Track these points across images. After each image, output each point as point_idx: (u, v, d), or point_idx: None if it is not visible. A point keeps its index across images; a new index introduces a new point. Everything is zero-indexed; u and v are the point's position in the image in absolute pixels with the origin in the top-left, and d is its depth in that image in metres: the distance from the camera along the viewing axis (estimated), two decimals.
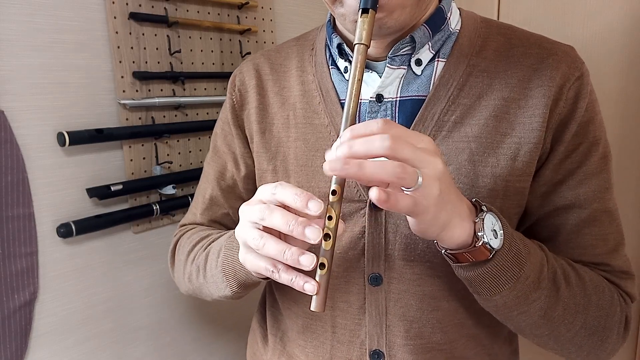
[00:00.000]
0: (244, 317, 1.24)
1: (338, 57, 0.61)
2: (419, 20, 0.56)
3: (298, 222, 0.42)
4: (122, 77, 0.93)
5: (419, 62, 0.57)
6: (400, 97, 0.57)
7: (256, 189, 0.50)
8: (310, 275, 0.43)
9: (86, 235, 0.90)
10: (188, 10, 1.02)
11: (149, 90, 0.97)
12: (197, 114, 1.07)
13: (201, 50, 1.06)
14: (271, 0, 1.18)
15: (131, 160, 0.96)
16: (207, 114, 1.09)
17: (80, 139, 0.85)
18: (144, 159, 0.98)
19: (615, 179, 0.59)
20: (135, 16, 0.92)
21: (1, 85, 0.78)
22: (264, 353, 0.72)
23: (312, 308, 0.42)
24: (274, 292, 0.71)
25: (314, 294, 0.42)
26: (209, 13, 1.06)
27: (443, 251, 0.50)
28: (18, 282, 0.82)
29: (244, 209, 0.48)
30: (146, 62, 0.96)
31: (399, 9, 0.50)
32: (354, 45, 0.46)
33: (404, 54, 0.56)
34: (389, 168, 0.39)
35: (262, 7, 1.16)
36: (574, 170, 0.56)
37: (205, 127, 1.06)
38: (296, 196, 0.42)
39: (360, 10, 0.47)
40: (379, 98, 0.57)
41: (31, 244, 0.83)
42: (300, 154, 0.62)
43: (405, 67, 0.57)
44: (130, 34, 0.93)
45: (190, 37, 1.03)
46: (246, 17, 1.13)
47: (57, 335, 0.89)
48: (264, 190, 0.46)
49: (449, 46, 0.58)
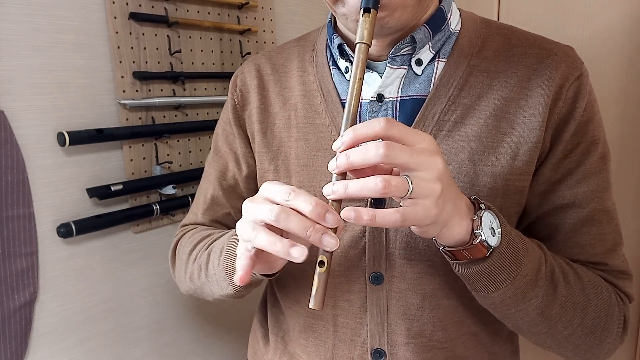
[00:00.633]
0: (244, 317, 1.23)
1: (339, 58, 0.61)
2: (419, 20, 0.56)
3: (316, 229, 0.42)
4: (122, 77, 0.93)
5: (419, 62, 0.57)
6: (400, 97, 0.57)
7: (257, 189, 0.49)
8: (310, 275, 0.43)
9: (86, 235, 0.90)
10: (188, 10, 1.02)
11: (149, 90, 0.97)
12: (197, 114, 1.07)
13: (201, 50, 1.06)
14: (271, 0, 1.18)
15: (131, 160, 0.96)
16: (207, 114, 1.09)
17: (80, 139, 0.85)
18: (144, 159, 0.98)
19: (615, 179, 0.59)
20: (135, 16, 0.92)
21: (1, 85, 0.78)
22: (265, 353, 0.72)
23: (311, 306, 0.42)
24: (275, 292, 0.71)
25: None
26: (209, 13, 1.06)
27: (441, 248, 0.51)
28: (18, 282, 0.82)
29: (248, 206, 0.47)
30: (146, 62, 0.96)
31: (400, 9, 0.51)
32: (356, 44, 0.46)
33: (405, 54, 0.56)
34: (371, 185, 0.40)
35: (262, 7, 1.17)
36: (572, 170, 0.57)
37: (205, 127, 1.06)
38: (313, 206, 0.42)
39: (362, 10, 0.47)
40: (380, 98, 0.58)
41: (31, 244, 0.83)
42: (302, 154, 0.62)
43: (406, 67, 0.57)
44: (130, 34, 0.93)
45: (190, 37, 1.03)
46: (246, 17, 1.14)
47: (57, 335, 0.89)
48: (273, 191, 0.45)
49: (449, 46, 0.58)
